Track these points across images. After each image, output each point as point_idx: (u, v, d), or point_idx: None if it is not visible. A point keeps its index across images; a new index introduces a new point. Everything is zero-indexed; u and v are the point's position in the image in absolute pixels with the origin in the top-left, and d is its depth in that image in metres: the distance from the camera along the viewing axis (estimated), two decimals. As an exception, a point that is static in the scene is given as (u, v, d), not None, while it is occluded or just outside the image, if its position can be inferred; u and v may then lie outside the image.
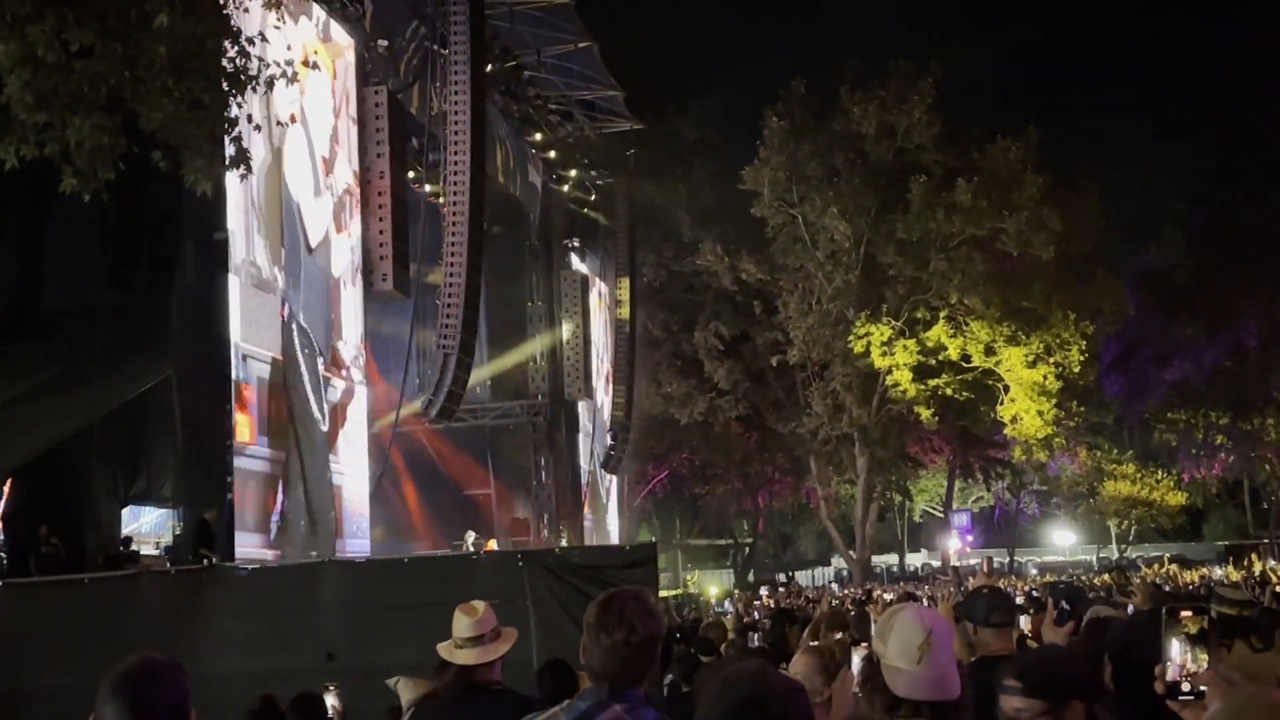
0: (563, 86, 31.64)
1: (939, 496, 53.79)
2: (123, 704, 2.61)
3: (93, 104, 8.70)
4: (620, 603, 3.04)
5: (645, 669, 3.06)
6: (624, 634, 2.98)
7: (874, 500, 43.72)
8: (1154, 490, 47.04)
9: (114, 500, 19.54)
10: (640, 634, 3.00)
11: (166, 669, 2.70)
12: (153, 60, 8.74)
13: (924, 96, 38.66)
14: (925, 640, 2.99)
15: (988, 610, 4.94)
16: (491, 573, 9.76)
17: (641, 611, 3.03)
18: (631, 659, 3.00)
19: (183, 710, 2.68)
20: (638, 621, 3.00)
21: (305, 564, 9.80)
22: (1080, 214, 39.86)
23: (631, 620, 3.00)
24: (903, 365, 38.07)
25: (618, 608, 3.03)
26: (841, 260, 39.26)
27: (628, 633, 2.98)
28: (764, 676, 2.47)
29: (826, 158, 39.37)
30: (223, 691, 6.58)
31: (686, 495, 52.05)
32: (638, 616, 3.01)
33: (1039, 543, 57.36)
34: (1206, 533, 58.38)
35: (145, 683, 2.65)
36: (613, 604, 3.05)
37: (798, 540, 59.64)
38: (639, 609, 3.04)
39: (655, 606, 3.10)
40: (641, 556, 8.95)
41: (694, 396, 44.35)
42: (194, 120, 9.31)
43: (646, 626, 3.02)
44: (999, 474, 50.97)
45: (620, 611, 3.01)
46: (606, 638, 2.99)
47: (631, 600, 3.06)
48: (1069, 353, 38.18)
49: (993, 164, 38.05)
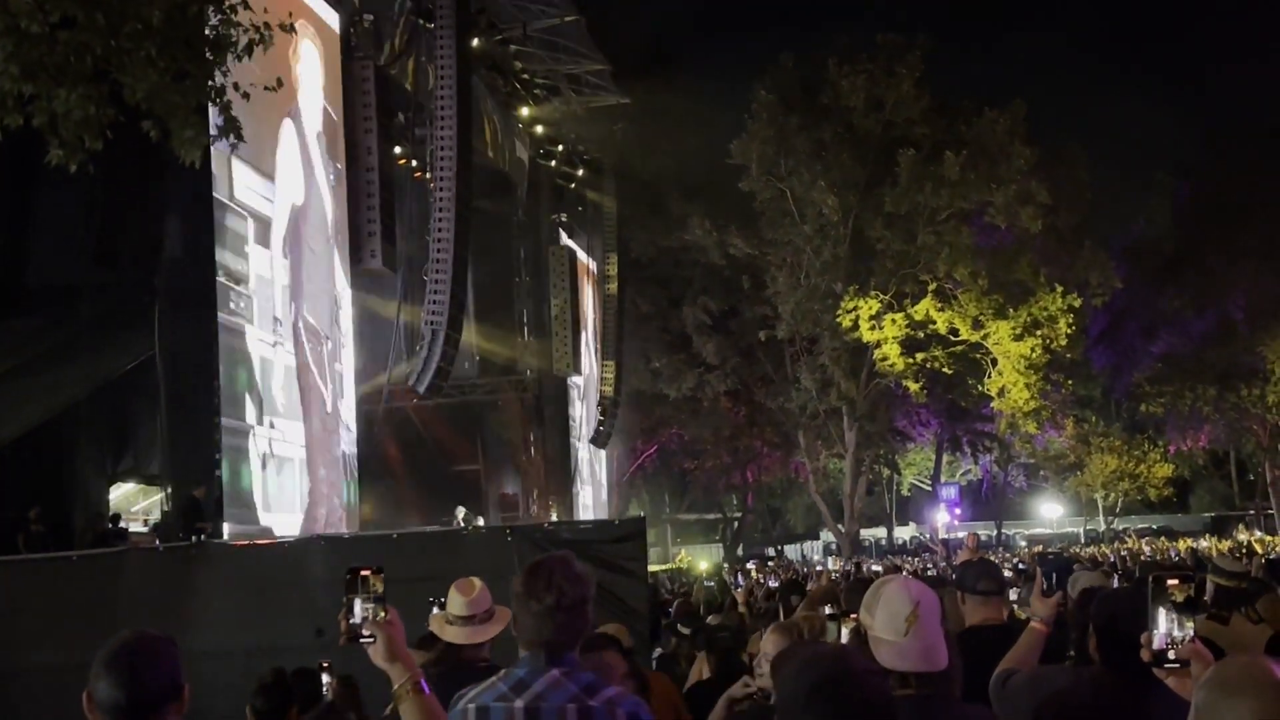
0: (549, 61, 31.46)
1: (927, 470, 53.96)
2: (117, 678, 2.62)
3: (78, 75, 8.64)
4: (547, 568, 3.03)
5: (578, 632, 3.05)
6: (553, 598, 2.97)
7: (862, 474, 43.86)
8: (1141, 462, 47.23)
9: (102, 478, 19.52)
10: (569, 597, 2.99)
11: (159, 643, 2.72)
12: (135, 30, 8.68)
13: (912, 69, 38.63)
14: (913, 612, 3.01)
15: (975, 579, 4.97)
16: (480, 548, 9.76)
17: (569, 575, 3.02)
18: (564, 623, 3.00)
19: (176, 684, 2.69)
20: (566, 585, 3.00)
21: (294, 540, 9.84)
22: (1068, 186, 39.90)
23: (560, 584, 2.99)
24: (891, 339, 38.14)
25: (545, 573, 3.02)
26: (829, 234, 39.25)
27: (557, 596, 2.98)
28: (844, 657, 2.49)
29: (814, 131, 39.32)
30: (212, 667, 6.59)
31: (675, 470, 52.15)
32: (566, 580, 3.00)
33: (1027, 515, 57.59)
34: (1193, 504, 58.67)
35: (139, 657, 2.66)
36: (539, 570, 3.04)
37: (786, 514, 59.80)
38: (566, 573, 3.03)
39: (582, 570, 3.08)
40: (630, 531, 8.96)
41: (683, 371, 44.42)
42: (179, 90, 9.24)
43: (575, 589, 3.01)
44: (987, 447, 51.14)
45: (548, 577, 3.00)
46: (536, 604, 2.99)
47: (558, 565, 3.05)
48: (1056, 326, 38.27)
49: (980, 137, 38.07)
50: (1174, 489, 50.35)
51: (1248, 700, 1.91)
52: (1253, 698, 1.91)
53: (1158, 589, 2.50)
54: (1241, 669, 2.00)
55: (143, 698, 2.62)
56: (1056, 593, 4.44)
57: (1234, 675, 1.97)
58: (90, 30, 8.58)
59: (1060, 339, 38.42)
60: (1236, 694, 1.93)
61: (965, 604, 4.92)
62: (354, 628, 2.68)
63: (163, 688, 2.66)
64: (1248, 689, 1.92)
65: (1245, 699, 1.91)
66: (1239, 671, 1.98)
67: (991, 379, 39.41)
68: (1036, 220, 37.31)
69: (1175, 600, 2.48)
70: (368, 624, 2.67)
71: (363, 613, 2.68)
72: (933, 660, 3.01)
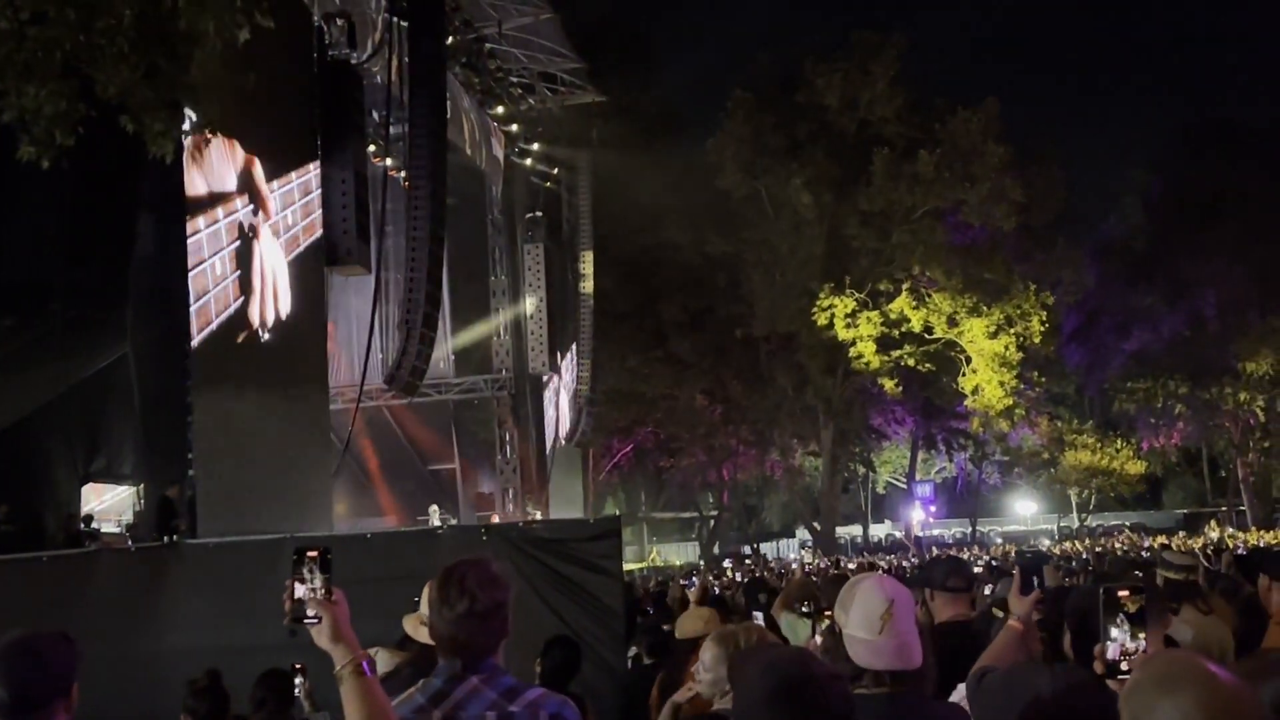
0: (525, 59, 31.39)
1: (902, 468, 54.14)
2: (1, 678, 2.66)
3: (48, 71, 8.55)
4: (460, 573, 2.96)
5: (496, 637, 2.99)
6: (466, 604, 2.91)
7: (838, 472, 44.03)
8: (1114, 459, 47.49)
9: (74, 478, 19.34)
10: (483, 602, 2.93)
11: (47, 641, 2.74)
12: (108, 25, 8.59)
13: (886, 68, 38.76)
14: (887, 610, 3.01)
15: (945, 575, 4.98)
16: (456, 547, 9.72)
17: (483, 579, 2.96)
18: (478, 629, 2.94)
19: (63, 683, 2.72)
20: (479, 590, 2.93)
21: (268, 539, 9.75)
22: (1041, 185, 40.14)
23: (473, 589, 2.93)
24: (866, 337, 38.28)
25: (458, 578, 2.95)
26: (805, 232, 39.34)
27: (470, 602, 2.91)
28: (805, 661, 2.47)
29: (790, 130, 39.44)
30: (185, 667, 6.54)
31: (652, 468, 52.14)
32: (479, 585, 2.94)
33: (1001, 512, 57.86)
34: (1166, 501, 59.07)
35: (23, 657, 2.70)
36: (453, 575, 2.97)
37: (763, 512, 59.90)
38: (480, 577, 2.96)
39: (499, 573, 3.01)
40: (606, 529, 8.92)
41: (658, 369, 44.43)
42: (152, 86, 9.16)
43: (489, 594, 2.94)
44: (961, 445, 51.36)
45: (460, 582, 2.94)
46: (449, 610, 2.93)
47: (472, 569, 2.98)
48: (1030, 323, 38.48)
49: (954, 135, 38.22)
50: (1147, 486, 50.68)
51: (1187, 695, 1.83)
52: (1191, 692, 1.83)
53: (1109, 601, 2.50)
54: (1173, 663, 1.93)
55: (28, 696, 2.65)
56: (1034, 591, 4.45)
57: (1168, 671, 1.89)
58: (61, 26, 8.49)
59: (1034, 336, 38.66)
60: (1173, 690, 1.83)
61: (934, 601, 4.93)
62: (298, 608, 2.65)
63: (48, 687, 2.68)
64: (1185, 684, 1.83)
65: (1184, 694, 1.82)
66: (1171, 666, 1.91)
67: (966, 377, 39.58)
68: (1010, 218, 37.52)
69: (1127, 611, 2.48)
70: (312, 604, 2.64)
71: (308, 594, 2.64)
72: (907, 659, 3.01)
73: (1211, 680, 1.83)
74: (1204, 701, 1.81)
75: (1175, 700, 1.83)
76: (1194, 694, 1.83)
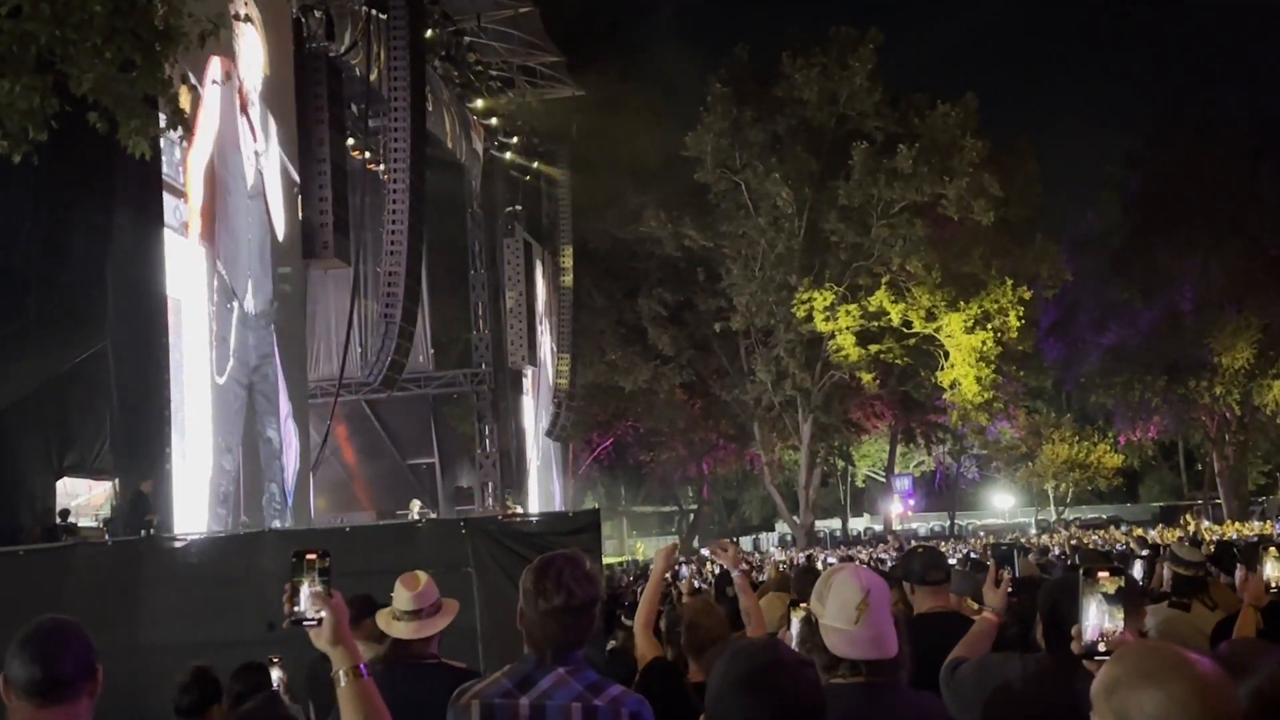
0: (504, 52, 31.33)
1: (881, 461, 54.30)
2: (32, 657, 2.69)
3: (22, 65, 8.48)
4: (557, 568, 3.01)
5: (585, 632, 3.04)
6: (563, 598, 2.96)
7: (817, 465, 44.10)
8: (1091, 453, 47.78)
9: (48, 473, 19.21)
10: (579, 598, 2.97)
11: (71, 626, 2.79)
12: (82, 20, 8.53)
13: (865, 63, 38.82)
14: (863, 600, 3.03)
15: (924, 569, 5.01)
16: (434, 540, 9.70)
17: (579, 575, 3.00)
18: (571, 624, 2.98)
19: (90, 665, 2.76)
20: (575, 586, 2.98)
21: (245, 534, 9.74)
22: (1019, 179, 40.33)
23: (569, 585, 2.97)
24: (845, 330, 38.36)
25: (555, 573, 2.99)
26: (784, 226, 39.41)
27: (566, 597, 2.96)
28: (774, 648, 2.49)
29: (769, 124, 39.47)
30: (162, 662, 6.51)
31: (631, 462, 52.17)
32: (575, 581, 2.98)
33: (979, 506, 58.15)
34: (1142, 494, 59.46)
35: (53, 638, 2.74)
36: (549, 569, 3.01)
37: (742, 506, 60.01)
38: (576, 573, 3.01)
39: (592, 570, 3.07)
40: (585, 523, 8.92)
41: (638, 364, 44.44)
42: (126, 81, 9.09)
43: (584, 590, 2.99)
44: (940, 439, 51.56)
45: (558, 576, 2.98)
46: (545, 603, 2.97)
47: (568, 564, 3.02)
48: (1008, 318, 38.64)
49: (933, 130, 38.33)
50: (1124, 479, 51.02)
51: (1175, 684, 1.81)
52: (1174, 684, 1.80)
53: (1089, 581, 2.51)
54: (1155, 653, 1.90)
55: (59, 675, 2.70)
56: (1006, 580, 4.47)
57: (1152, 661, 1.87)
58: (35, 20, 8.42)
59: (1011, 331, 38.83)
60: (1156, 682, 1.80)
61: (914, 594, 4.96)
62: (298, 611, 2.67)
63: (77, 667, 2.73)
64: (1168, 675, 1.82)
65: (1174, 684, 1.80)
66: (1154, 656, 1.89)
67: (944, 371, 39.73)
68: (989, 212, 37.64)
69: (1106, 592, 2.50)
70: (312, 607, 2.66)
71: (308, 596, 2.66)
72: (883, 648, 3.03)
73: (1196, 668, 1.83)
74: (1194, 690, 1.79)
75: (1167, 690, 1.81)
76: (1182, 683, 1.81)
